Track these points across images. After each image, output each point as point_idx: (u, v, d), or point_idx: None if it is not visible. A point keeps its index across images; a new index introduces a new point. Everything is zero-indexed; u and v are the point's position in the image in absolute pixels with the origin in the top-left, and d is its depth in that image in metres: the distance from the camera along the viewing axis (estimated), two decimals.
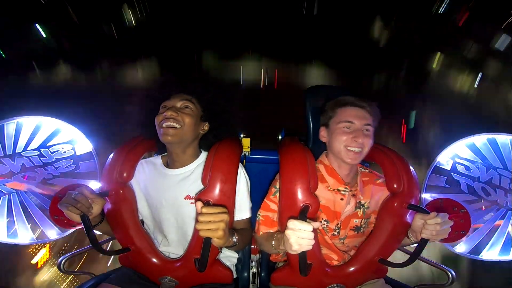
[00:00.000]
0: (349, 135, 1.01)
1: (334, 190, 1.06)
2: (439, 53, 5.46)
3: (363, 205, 1.07)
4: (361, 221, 1.07)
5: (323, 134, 1.11)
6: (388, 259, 1.04)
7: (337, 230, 1.06)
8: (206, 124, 1.11)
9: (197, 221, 0.77)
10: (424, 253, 0.95)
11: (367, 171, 1.14)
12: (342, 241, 1.08)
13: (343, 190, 1.05)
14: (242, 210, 1.07)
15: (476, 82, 4.94)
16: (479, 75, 4.92)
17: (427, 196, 1.45)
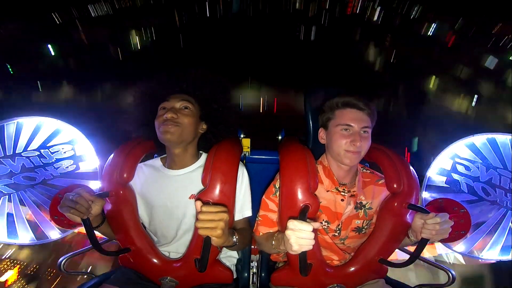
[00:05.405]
0: (347, 139, 1.00)
1: (334, 191, 1.05)
2: (434, 76, 5.52)
3: (364, 206, 1.07)
4: (363, 222, 1.07)
5: (321, 135, 1.11)
6: (388, 259, 1.04)
7: (338, 231, 1.06)
8: (205, 123, 1.11)
9: (197, 219, 0.78)
10: None
11: (368, 171, 1.14)
12: (342, 241, 1.08)
13: (343, 191, 1.05)
14: (242, 209, 1.07)
15: (473, 103, 5.03)
16: (475, 96, 5.00)
17: (427, 196, 1.45)
